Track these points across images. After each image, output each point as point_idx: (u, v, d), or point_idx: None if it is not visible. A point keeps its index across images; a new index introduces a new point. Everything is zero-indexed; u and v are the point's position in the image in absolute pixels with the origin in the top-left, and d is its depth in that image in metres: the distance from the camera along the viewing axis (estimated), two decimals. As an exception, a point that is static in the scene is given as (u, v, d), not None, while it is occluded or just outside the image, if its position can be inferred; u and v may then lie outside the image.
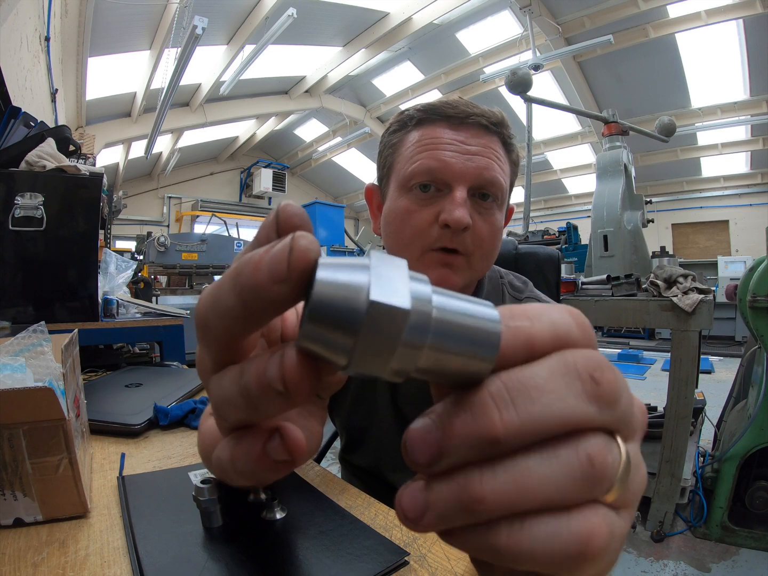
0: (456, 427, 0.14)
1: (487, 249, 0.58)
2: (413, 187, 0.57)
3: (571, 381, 0.14)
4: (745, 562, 1.67)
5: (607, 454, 0.14)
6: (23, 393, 0.45)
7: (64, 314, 1.40)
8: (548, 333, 0.15)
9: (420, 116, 0.59)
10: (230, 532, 0.46)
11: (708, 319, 1.78)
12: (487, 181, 0.56)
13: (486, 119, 0.57)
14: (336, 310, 0.13)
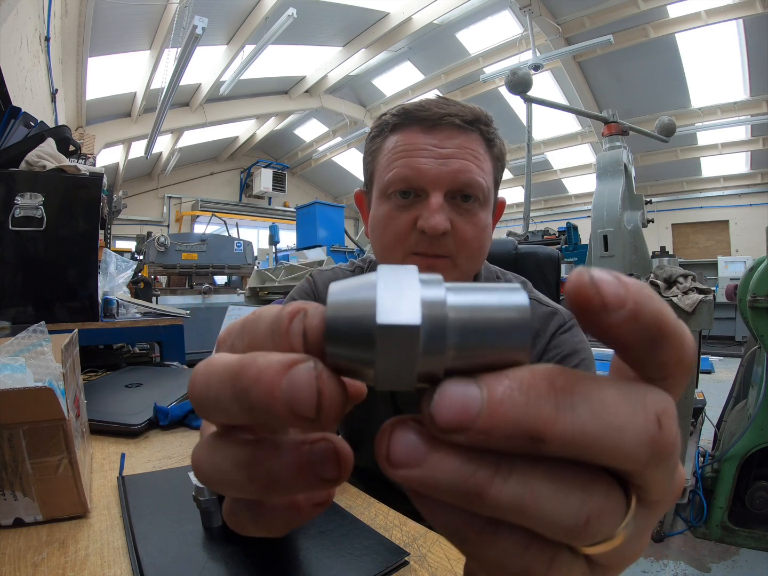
0: (505, 405, 0.12)
1: (472, 249, 0.58)
2: (392, 195, 0.58)
3: (636, 412, 0.12)
4: (745, 562, 1.67)
5: (610, 514, 0.13)
6: (23, 393, 0.45)
7: (64, 314, 1.40)
8: (674, 324, 0.13)
9: (394, 121, 0.59)
10: (230, 532, 0.46)
11: (708, 319, 1.78)
12: (464, 183, 0.56)
13: (460, 118, 0.56)
14: (349, 334, 0.12)
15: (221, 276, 5.77)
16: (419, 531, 0.49)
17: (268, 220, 9.66)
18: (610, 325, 0.12)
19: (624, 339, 0.12)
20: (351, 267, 0.76)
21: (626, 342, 0.13)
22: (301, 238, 6.19)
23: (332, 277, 0.74)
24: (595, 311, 0.12)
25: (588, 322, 0.12)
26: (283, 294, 3.80)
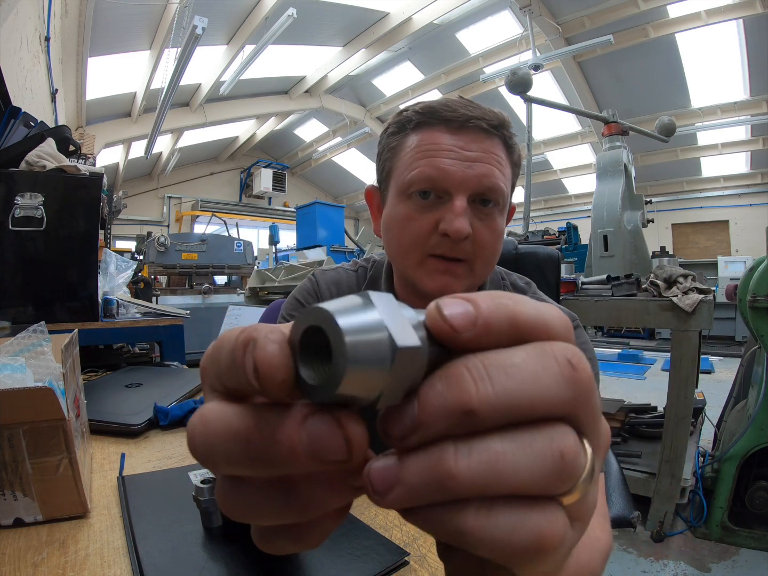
0: (430, 398, 0.13)
1: (488, 254, 0.58)
2: (412, 194, 0.57)
3: (548, 363, 0.14)
4: (745, 562, 1.67)
5: (578, 452, 0.14)
6: (23, 393, 0.45)
7: (64, 314, 1.40)
8: (531, 316, 0.15)
9: (418, 119, 0.57)
10: (230, 532, 0.46)
11: (708, 319, 1.78)
12: (488, 188, 0.55)
13: (486, 122, 0.56)
14: (368, 358, 0.13)
15: (221, 276, 5.77)
16: (419, 531, 0.49)
17: (268, 220, 9.66)
18: (469, 340, 0.14)
19: (489, 345, 0.14)
20: (354, 267, 0.75)
21: (495, 345, 0.14)
22: (301, 238, 6.19)
23: (335, 277, 0.73)
24: (451, 336, 0.14)
25: (451, 344, 0.14)
26: (284, 294, 3.80)
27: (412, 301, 0.66)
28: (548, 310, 0.15)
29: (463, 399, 0.13)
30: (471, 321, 0.14)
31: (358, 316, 0.13)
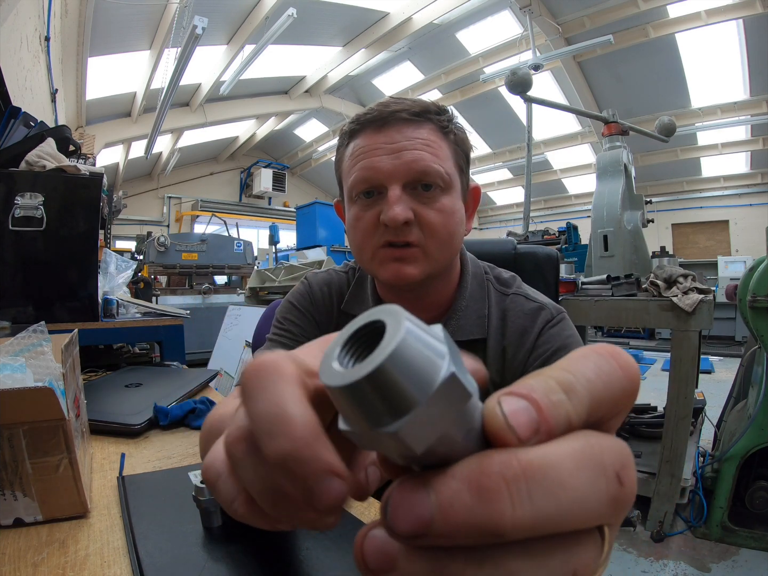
0: (457, 509, 0.12)
1: (441, 235, 0.59)
2: (357, 197, 0.61)
3: (596, 478, 0.12)
4: (745, 562, 1.67)
5: (593, 568, 0.13)
6: (23, 393, 0.45)
7: (64, 314, 1.40)
8: (587, 403, 0.13)
9: (351, 128, 0.62)
10: (230, 532, 0.46)
11: (708, 319, 1.78)
12: (419, 172, 0.57)
13: (407, 112, 0.58)
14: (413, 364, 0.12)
15: (221, 276, 5.77)
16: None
17: (268, 220, 9.66)
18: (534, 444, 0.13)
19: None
20: (345, 268, 0.77)
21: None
22: (301, 238, 6.20)
23: (326, 278, 0.75)
24: (516, 445, 0.13)
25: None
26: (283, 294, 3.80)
27: (390, 297, 0.67)
28: (611, 378, 0.14)
29: (494, 520, 0.11)
30: (534, 429, 0.13)
31: (427, 332, 0.13)
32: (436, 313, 0.66)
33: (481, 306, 0.66)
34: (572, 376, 0.14)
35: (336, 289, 0.73)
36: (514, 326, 0.64)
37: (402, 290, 0.64)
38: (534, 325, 0.63)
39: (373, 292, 0.70)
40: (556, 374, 0.14)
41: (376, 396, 0.12)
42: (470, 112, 8.88)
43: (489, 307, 0.66)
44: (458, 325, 0.65)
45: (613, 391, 0.14)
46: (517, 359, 0.62)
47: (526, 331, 0.63)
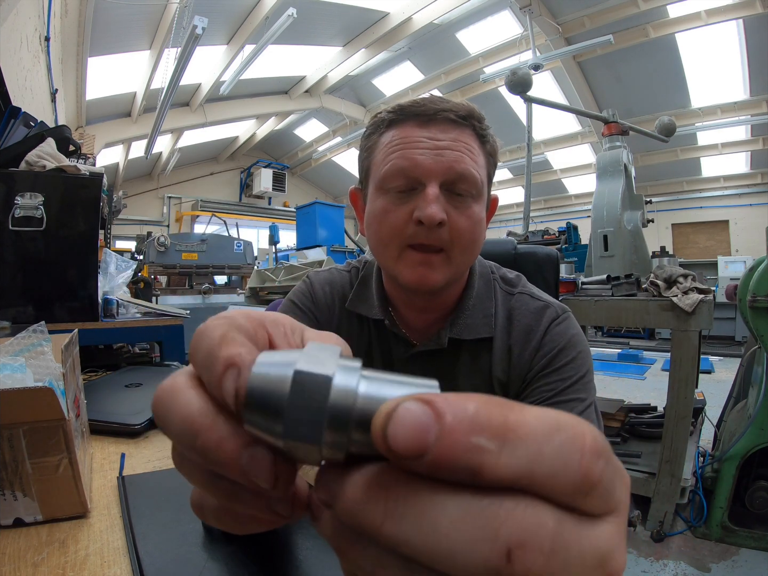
0: (455, 441, 0.11)
1: (466, 242, 0.59)
2: (389, 188, 0.59)
3: (480, 540, 0.11)
4: (745, 562, 1.67)
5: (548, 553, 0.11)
6: (23, 393, 0.45)
7: (64, 314, 1.40)
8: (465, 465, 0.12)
9: (390, 117, 0.60)
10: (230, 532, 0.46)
11: (708, 319, 1.78)
12: (459, 174, 0.57)
13: (454, 113, 0.58)
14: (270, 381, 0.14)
15: (221, 276, 5.77)
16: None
17: (268, 220, 9.65)
18: (412, 468, 0.12)
19: (433, 476, 0.12)
20: (347, 267, 0.76)
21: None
22: (301, 238, 6.19)
23: (328, 277, 0.74)
24: (392, 458, 0.12)
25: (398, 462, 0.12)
26: (283, 294, 3.80)
27: (400, 296, 0.67)
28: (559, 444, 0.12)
29: (480, 460, 0.11)
30: (420, 449, 0.11)
31: (282, 355, 0.14)
32: (443, 312, 0.66)
33: (488, 305, 0.66)
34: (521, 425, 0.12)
35: (338, 288, 0.73)
36: (519, 325, 0.64)
37: (418, 293, 0.63)
38: (539, 324, 0.63)
39: (378, 291, 0.68)
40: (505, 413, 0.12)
41: (262, 417, 0.13)
42: None
43: (495, 306, 0.66)
44: (465, 324, 0.64)
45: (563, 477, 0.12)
46: (523, 358, 0.62)
47: (532, 329, 0.63)
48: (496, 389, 0.64)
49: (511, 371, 0.63)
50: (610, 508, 0.13)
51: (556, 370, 0.60)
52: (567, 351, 0.61)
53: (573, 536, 0.12)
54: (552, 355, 0.61)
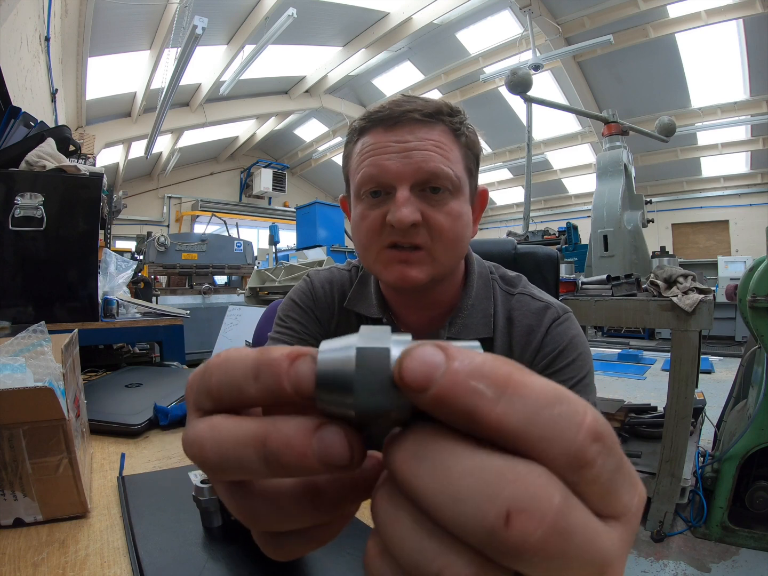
0: (458, 383, 0.12)
1: (448, 239, 0.58)
2: (364, 195, 0.60)
3: (481, 499, 0.11)
4: (745, 562, 1.67)
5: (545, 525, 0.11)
6: (23, 393, 0.45)
7: (64, 314, 1.40)
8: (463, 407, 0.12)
9: (361, 125, 0.61)
10: (230, 532, 0.46)
11: (708, 319, 1.78)
12: (429, 173, 0.57)
13: (420, 113, 0.57)
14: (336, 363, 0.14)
15: (221, 276, 5.76)
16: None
17: (268, 220, 9.66)
18: (420, 403, 0.13)
19: (440, 417, 0.13)
20: (347, 267, 0.77)
21: (447, 419, 0.13)
22: (301, 238, 6.19)
23: (328, 276, 0.75)
24: (403, 389, 0.13)
25: (408, 396, 0.13)
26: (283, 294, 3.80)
27: (393, 296, 0.67)
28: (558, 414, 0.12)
29: (479, 407, 0.12)
30: (424, 383, 0.12)
31: (338, 340, 0.15)
32: (441, 312, 0.66)
33: (487, 305, 0.66)
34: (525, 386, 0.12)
35: (338, 287, 0.73)
36: (520, 325, 0.64)
37: (402, 291, 0.64)
38: (540, 325, 0.63)
39: (376, 290, 0.69)
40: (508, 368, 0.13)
41: (334, 393, 0.14)
42: (470, 112, 8.60)
43: (495, 307, 0.66)
44: (464, 324, 0.64)
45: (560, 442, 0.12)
46: (524, 358, 0.62)
47: (533, 330, 0.63)
48: None
49: None
50: (616, 511, 0.13)
51: (557, 371, 0.60)
52: (568, 352, 0.61)
53: (579, 522, 0.11)
54: (553, 356, 0.61)
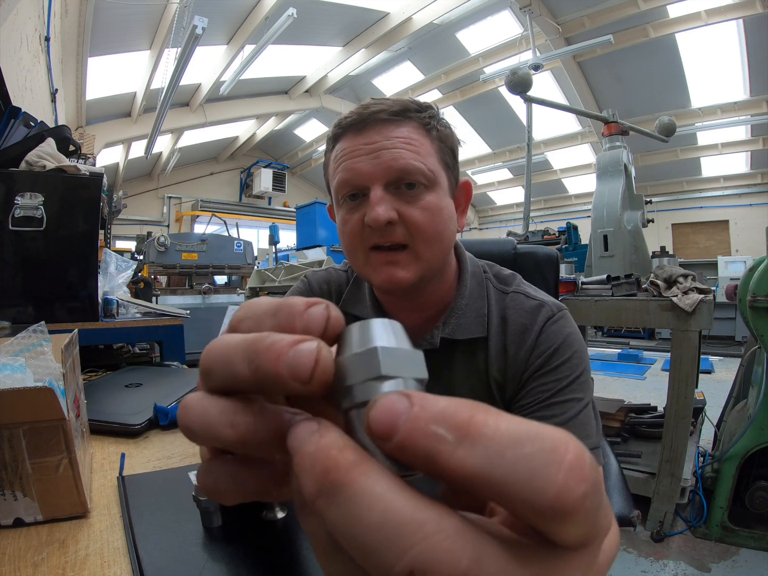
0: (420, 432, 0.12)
1: (428, 234, 0.59)
2: (342, 200, 0.61)
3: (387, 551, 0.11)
4: (745, 562, 1.67)
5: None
6: (23, 393, 0.45)
7: (64, 314, 1.40)
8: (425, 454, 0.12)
9: (335, 132, 0.62)
10: (230, 532, 0.46)
11: (708, 319, 1.78)
12: (400, 170, 0.57)
13: (386, 112, 0.58)
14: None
15: (221, 276, 5.77)
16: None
17: (268, 220, 9.66)
18: (387, 451, 0.13)
19: (408, 464, 0.13)
20: (344, 267, 0.77)
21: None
22: (301, 238, 6.20)
23: (326, 277, 0.76)
24: (373, 439, 0.13)
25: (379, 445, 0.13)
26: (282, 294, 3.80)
27: (385, 298, 0.68)
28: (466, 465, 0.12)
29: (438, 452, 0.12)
30: (389, 431, 0.12)
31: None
32: (434, 312, 0.66)
33: (481, 305, 0.65)
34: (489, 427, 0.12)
35: (335, 287, 0.74)
36: (514, 324, 0.63)
37: (392, 293, 0.64)
38: (535, 323, 0.62)
39: (370, 292, 0.70)
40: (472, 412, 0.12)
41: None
42: (470, 112, 8.88)
43: (489, 306, 0.66)
44: (458, 324, 0.64)
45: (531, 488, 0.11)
46: (519, 357, 0.62)
47: (527, 329, 0.62)
48: (493, 389, 0.64)
49: (507, 371, 0.63)
50: (591, 537, 0.12)
51: (552, 370, 0.60)
52: (563, 350, 0.60)
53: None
54: (548, 354, 0.60)
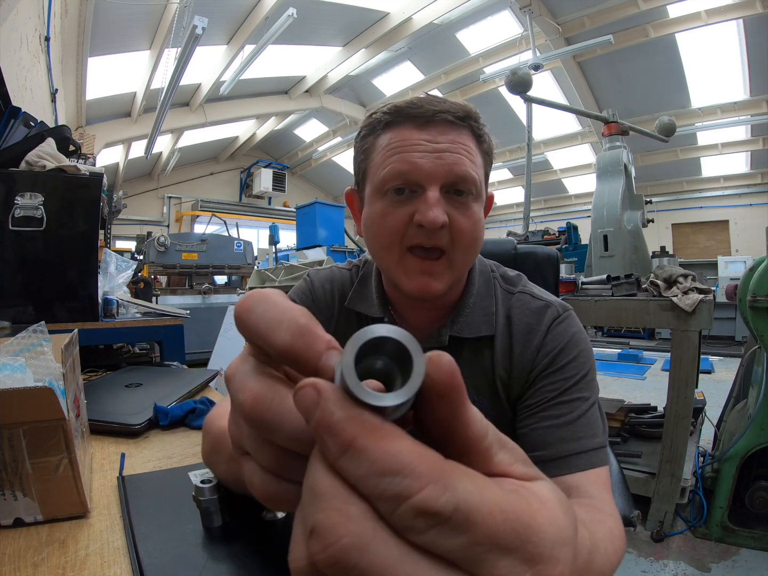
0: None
1: (467, 242, 0.59)
2: (387, 191, 0.58)
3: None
4: (745, 562, 1.67)
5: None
6: (23, 393, 0.45)
7: (64, 314, 1.40)
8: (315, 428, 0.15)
9: (387, 119, 0.59)
10: (230, 532, 0.46)
11: (708, 319, 1.78)
12: (459, 177, 0.57)
13: (452, 114, 0.57)
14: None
15: (221, 276, 5.77)
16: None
17: (268, 220, 9.66)
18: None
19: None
20: (348, 266, 0.77)
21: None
22: (301, 238, 6.19)
23: (328, 274, 0.74)
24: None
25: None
26: (283, 294, 3.78)
27: (399, 299, 0.67)
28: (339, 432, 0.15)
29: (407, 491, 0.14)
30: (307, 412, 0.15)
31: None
32: (443, 311, 0.66)
33: (489, 303, 0.66)
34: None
35: (338, 286, 0.73)
36: (520, 324, 0.64)
37: (419, 301, 0.62)
38: (541, 323, 0.63)
39: (378, 289, 0.68)
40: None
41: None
42: None
43: (496, 305, 0.66)
44: (466, 322, 0.64)
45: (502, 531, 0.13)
46: (525, 357, 0.62)
47: (533, 329, 0.63)
48: (499, 388, 0.64)
49: (513, 370, 0.63)
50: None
51: (558, 369, 0.60)
52: (569, 350, 0.61)
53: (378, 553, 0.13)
54: (554, 354, 0.60)
